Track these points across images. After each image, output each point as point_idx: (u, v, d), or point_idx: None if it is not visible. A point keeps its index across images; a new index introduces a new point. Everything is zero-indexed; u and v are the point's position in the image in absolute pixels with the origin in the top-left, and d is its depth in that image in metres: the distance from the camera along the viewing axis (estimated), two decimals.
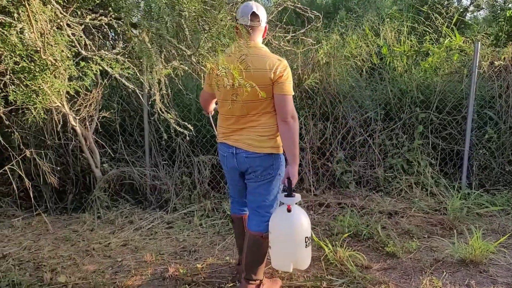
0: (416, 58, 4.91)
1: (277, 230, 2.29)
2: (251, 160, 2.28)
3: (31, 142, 4.12)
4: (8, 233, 3.58)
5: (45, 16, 2.53)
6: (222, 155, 2.43)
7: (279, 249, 2.32)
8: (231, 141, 2.35)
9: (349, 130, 4.61)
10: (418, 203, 3.95)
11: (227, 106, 2.30)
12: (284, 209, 2.28)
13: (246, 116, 2.28)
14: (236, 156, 2.33)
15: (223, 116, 2.40)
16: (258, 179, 2.33)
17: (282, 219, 2.28)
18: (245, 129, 2.30)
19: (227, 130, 2.37)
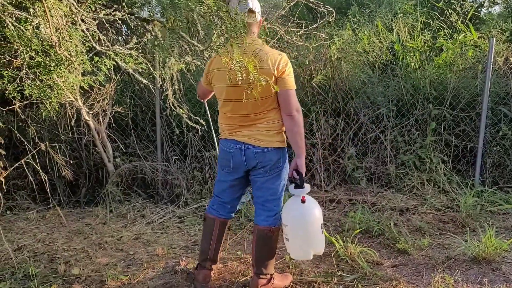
0: (430, 54, 4.85)
1: (295, 222, 2.32)
2: (261, 155, 2.29)
3: (45, 136, 4.18)
4: (23, 225, 3.64)
5: (61, 11, 2.56)
6: (227, 151, 2.37)
7: (298, 240, 2.35)
8: (239, 137, 2.32)
9: (361, 126, 4.59)
10: (430, 200, 3.93)
11: (230, 106, 2.30)
12: (297, 201, 2.31)
13: (252, 114, 2.28)
14: (245, 152, 2.31)
15: (226, 115, 2.36)
16: (267, 174, 2.34)
17: (298, 211, 2.31)
18: (252, 125, 2.30)
19: (233, 127, 2.35)
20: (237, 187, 2.50)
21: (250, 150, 2.30)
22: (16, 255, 3.05)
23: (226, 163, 2.41)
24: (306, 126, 4.56)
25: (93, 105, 3.87)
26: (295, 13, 4.53)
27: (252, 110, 2.26)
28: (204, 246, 2.56)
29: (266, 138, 2.29)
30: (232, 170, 2.42)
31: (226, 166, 2.43)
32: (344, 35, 4.68)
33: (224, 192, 2.52)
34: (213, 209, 2.56)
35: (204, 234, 2.58)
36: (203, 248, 2.56)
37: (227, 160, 2.40)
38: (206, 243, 2.55)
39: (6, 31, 2.58)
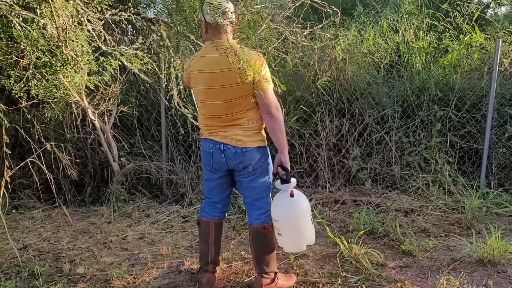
0: (435, 55, 4.83)
1: (286, 217, 2.35)
2: (240, 155, 2.31)
3: (51, 135, 4.20)
4: (29, 224, 3.67)
5: (67, 11, 2.57)
6: (207, 151, 2.39)
7: (291, 234, 2.38)
8: (218, 137, 2.33)
9: (366, 127, 4.58)
10: (435, 202, 3.91)
11: (208, 107, 2.32)
12: (285, 196, 2.35)
13: (230, 114, 2.29)
14: (224, 152, 2.32)
15: (205, 116, 2.38)
16: (251, 173, 2.36)
17: (287, 206, 2.34)
18: (231, 126, 2.30)
19: (212, 127, 2.36)
20: (224, 185, 2.51)
21: (229, 150, 2.31)
22: (22, 254, 3.07)
23: (207, 162, 2.43)
24: (311, 127, 4.56)
25: (99, 105, 3.88)
26: (300, 14, 4.53)
27: (229, 110, 2.27)
28: (203, 250, 2.57)
29: (246, 138, 2.30)
30: (213, 170, 2.44)
31: (207, 165, 2.45)
32: (349, 35, 4.67)
33: (212, 191, 2.53)
34: (205, 212, 2.57)
35: (201, 238, 2.59)
36: (203, 252, 2.58)
37: (207, 160, 2.42)
38: (205, 247, 2.56)
39: (13, 31, 2.60)
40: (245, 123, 2.30)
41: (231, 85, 2.19)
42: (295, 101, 4.64)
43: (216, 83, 2.21)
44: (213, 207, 2.55)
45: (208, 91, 2.26)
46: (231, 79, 2.17)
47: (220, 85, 2.21)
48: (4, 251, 3.11)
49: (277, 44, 4.05)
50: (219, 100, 2.25)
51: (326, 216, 3.73)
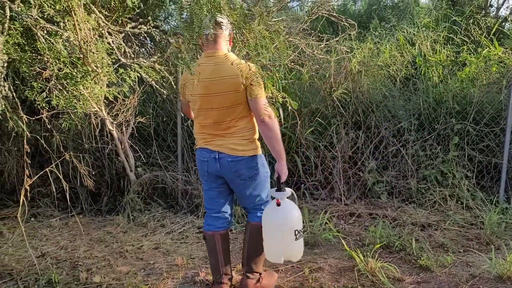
0: (453, 68, 4.80)
1: (268, 224, 2.39)
2: (236, 164, 2.35)
3: (70, 145, 4.28)
4: (47, 232, 3.72)
5: (89, 24, 2.64)
6: (202, 161, 2.44)
7: (270, 242, 2.41)
8: (213, 146, 2.38)
9: (382, 139, 4.55)
10: (453, 216, 3.85)
11: (203, 115, 2.38)
12: (274, 204, 2.38)
13: (223, 122, 2.35)
14: (219, 161, 2.37)
15: (200, 124, 2.44)
16: (246, 182, 2.41)
17: (272, 213, 2.38)
18: (226, 134, 2.36)
19: (207, 136, 2.42)
20: (224, 192, 2.54)
21: (225, 159, 2.36)
22: (40, 261, 3.11)
23: (202, 172, 2.48)
24: (326, 139, 4.56)
25: (117, 116, 3.95)
26: (316, 27, 4.56)
27: (223, 118, 2.33)
28: (213, 263, 2.58)
29: (240, 147, 2.35)
30: (209, 179, 2.48)
31: (203, 175, 2.50)
32: (365, 48, 4.68)
33: (213, 201, 2.54)
34: (209, 225, 2.57)
35: (209, 252, 2.60)
36: (213, 265, 2.59)
37: (202, 169, 2.47)
38: (214, 260, 2.57)
39: (38, 44, 2.67)
40: (239, 131, 2.36)
41: (224, 92, 2.27)
42: (310, 113, 4.65)
43: (210, 91, 2.30)
44: (216, 219, 2.56)
45: (203, 99, 2.33)
46: (224, 87, 2.26)
47: (213, 93, 2.29)
48: (22, 259, 3.16)
49: (293, 57, 4.08)
50: (213, 108, 2.32)
51: (342, 229, 3.70)
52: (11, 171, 4.32)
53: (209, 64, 2.31)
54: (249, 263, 2.55)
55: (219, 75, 2.27)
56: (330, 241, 3.43)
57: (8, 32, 2.55)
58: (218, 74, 2.28)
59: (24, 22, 2.64)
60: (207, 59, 2.33)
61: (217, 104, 2.30)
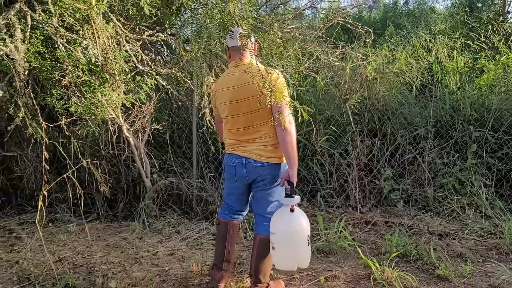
0: (470, 75, 4.75)
1: (282, 231, 2.38)
2: (261, 169, 2.47)
3: (87, 151, 4.33)
4: (64, 237, 3.76)
5: (107, 33, 2.69)
6: (231, 165, 2.58)
7: (284, 250, 2.40)
8: (241, 152, 2.52)
9: (398, 147, 4.51)
10: (472, 225, 3.78)
11: (231, 122, 2.52)
12: (286, 211, 2.41)
13: (249, 127, 2.47)
14: (246, 166, 2.50)
15: (228, 131, 2.58)
16: (267, 186, 2.51)
17: (285, 220, 2.39)
18: (252, 140, 2.48)
19: (235, 142, 2.55)
20: (244, 198, 2.70)
21: (251, 164, 2.48)
22: (57, 266, 3.15)
23: (231, 176, 2.62)
24: (341, 146, 4.54)
25: (134, 122, 3.99)
26: (331, 34, 4.56)
27: (249, 123, 2.46)
28: (220, 249, 2.75)
29: (265, 154, 2.46)
30: (236, 183, 2.61)
31: (231, 179, 2.63)
32: (381, 55, 4.66)
33: (233, 201, 2.72)
34: (225, 214, 2.76)
35: (219, 238, 2.77)
36: (219, 251, 2.75)
37: (230, 174, 2.61)
38: (221, 246, 2.74)
39: (57, 52, 2.73)
40: (263, 137, 2.46)
41: (249, 98, 2.41)
42: (325, 120, 4.63)
43: (237, 97, 2.45)
44: (233, 212, 2.75)
45: (231, 106, 2.49)
46: (249, 92, 2.40)
47: (240, 99, 2.44)
48: (41, 263, 3.21)
49: (308, 64, 4.08)
50: (240, 114, 2.47)
51: (357, 237, 3.66)
52: (30, 177, 4.39)
53: (236, 73, 2.48)
54: (257, 274, 2.59)
55: (244, 81, 2.42)
56: (345, 249, 3.39)
57: (30, 40, 2.61)
58: (243, 81, 2.42)
59: (45, 31, 2.69)
60: (234, 69, 2.50)
61: (243, 109, 2.45)
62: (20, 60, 2.32)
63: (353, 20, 4.45)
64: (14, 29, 2.44)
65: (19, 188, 4.52)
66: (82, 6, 2.34)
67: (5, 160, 4.44)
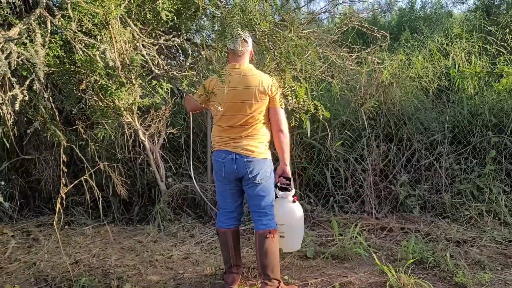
0: (489, 79, 4.67)
1: (290, 220, 2.78)
2: (250, 164, 2.59)
3: (103, 155, 4.38)
4: (80, 240, 3.80)
5: (124, 37, 2.72)
6: (220, 162, 2.65)
7: (293, 234, 2.83)
8: (231, 148, 2.62)
9: (414, 152, 4.46)
10: (490, 233, 3.71)
11: (225, 119, 2.63)
12: (286, 202, 2.80)
13: (244, 126, 2.60)
14: (236, 161, 2.60)
15: (221, 128, 2.67)
16: (257, 182, 2.62)
17: (290, 209, 2.79)
18: (244, 137, 2.60)
19: (226, 139, 2.64)
20: (236, 194, 2.76)
21: (241, 159, 2.59)
22: (73, 268, 3.18)
23: (219, 172, 2.69)
24: (356, 151, 4.50)
25: (150, 126, 4.02)
26: (347, 39, 4.54)
27: (245, 123, 2.59)
28: (225, 256, 2.83)
29: (256, 149, 2.60)
30: (225, 179, 2.69)
31: (219, 176, 2.71)
32: (397, 60, 4.62)
33: (227, 201, 2.78)
34: (222, 222, 2.81)
35: (222, 246, 2.85)
36: (225, 258, 2.84)
37: (219, 170, 2.68)
38: (226, 254, 2.82)
39: (76, 56, 2.77)
40: (256, 135, 2.62)
41: (249, 100, 2.56)
42: (340, 125, 4.61)
43: (237, 98, 2.58)
44: (229, 217, 2.79)
45: (229, 105, 2.59)
46: (250, 95, 2.55)
47: (240, 100, 2.57)
48: (57, 265, 3.25)
49: (323, 68, 4.07)
50: (238, 113, 2.59)
51: (373, 244, 3.62)
52: (47, 179, 4.45)
53: (237, 75, 2.60)
54: (265, 271, 2.63)
55: (246, 84, 2.57)
56: (360, 255, 3.35)
57: (49, 45, 2.65)
58: (245, 83, 2.58)
59: (64, 36, 2.74)
60: (234, 70, 2.62)
61: (241, 110, 2.57)
62: (40, 64, 2.36)
63: (368, 24, 4.43)
64: (34, 34, 2.49)
65: (37, 190, 4.59)
66: (101, 11, 2.37)
67: (23, 163, 4.51)
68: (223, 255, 2.86)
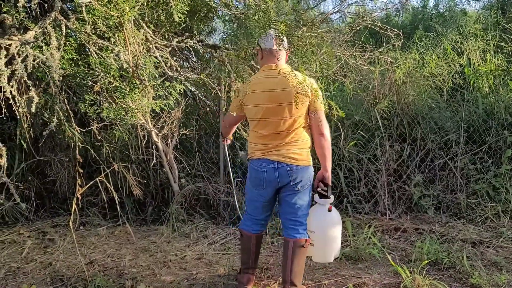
0: (504, 77, 4.60)
1: (322, 229, 2.60)
2: (294, 173, 2.47)
3: (117, 156, 4.43)
4: (94, 240, 3.84)
5: (138, 39, 2.75)
6: (260, 171, 2.51)
7: (323, 245, 2.64)
8: (272, 157, 2.47)
9: (428, 152, 4.41)
10: (507, 233, 3.65)
11: (262, 125, 2.48)
12: (322, 210, 2.61)
13: (283, 132, 2.46)
14: (279, 170, 2.46)
15: (259, 134, 2.52)
16: (298, 191, 2.51)
17: (324, 219, 2.60)
18: (285, 144, 2.46)
19: (266, 147, 2.50)
20: (269, 205, 2.67)
21: (284, 168, 2.46)
22: (88, 268, 3.21)
23: (258, 182, 2.55)
24: (369, 152, 4.47)
25: (163, 128, 4.05)
26: (361, 38, 4.51)
27: (284, 127, 2.45)
28: (244, 258, 2.78)
29: (298, 157, 2.47)
30: (263, 189, 2.56)
31: (258, 185, 2.57)
32: (410, 58, 4.58)
33: (257, 210, 2.67)
34: (248, 226, 2.73)
35: (243, 249, 2.78)
36: (244, 260, 2.79)
37: (258, 179, 2.54)
38: (246, 256, 2.76)
39: (90, 59, 2.80)
40: (297, 141, 2.48)
41: (289, 103, 2.41)
42: (353, 125, 4.58)
43: (277, 101, 2.42)
44: (256, 223, 2.71)
45: (267, 109, 2.45)
46: (289, 97, 2.40)
47: (278, 103, 2.42)
48: (73, 265, 3.28)
49: (336, 68, 4.05)
50: (276, 117, 2.44)
51: (386, 244, 3.59)
52: (62, 180, 4.51)
53: (274, 76, 2.46)
54: (293, 279, 2.54)
55: (285, 86, 2.41)
56: (374, 256, 3.33)
57: (64, 48, 2.69)
58: (284, 85, 2.41)
59: (78, 39, 2.78)
60: (270, 72, 2.48)
61: (280, 113, 2.42)
62: (55, 67, 2.40)
63: (381, 23, 4.40)
64: (49, 37, 2.53)
65: (52, 191, 4.65)
66: (115, 13, 2.40)
67: (39, 164, 4.58)
68: (242, 257, 2.81)
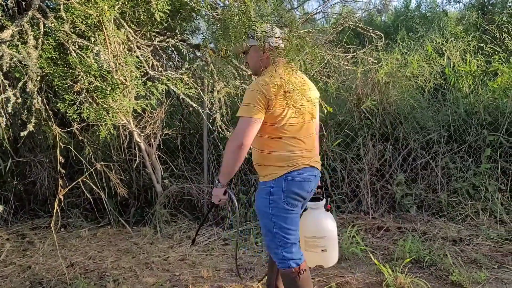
0: (484, 78, 4.68)
1: (330, 231, 2.37)
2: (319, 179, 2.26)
3: (99, 157, 4.36)
4: (76, 242, 3.79)
5: (118, 39, 2.71)
6: (307, 182, 2.10)
7: (334, 245, 2.40)
8: (314, 163, 2.16)
9: (410, 151, 4.46)
10: (486, 231, 3.71)
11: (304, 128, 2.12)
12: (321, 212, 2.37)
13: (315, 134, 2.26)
14: (316, 178, 2.18)
15: (301, 140, 2.12)
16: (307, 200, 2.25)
17: (328, 220, 2.37)
18: (316, 148, 2.25)
19: (310, 154, 2.15)
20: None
21: (319, 175, 2.23)
22: (69, 271, 3.17)
23: (305, 195, 2.13)
24: (353, 151, 4.50)
25: (145, 128, 4.01)
26: (342, 38, 4.54)
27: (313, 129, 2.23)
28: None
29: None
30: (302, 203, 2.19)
31: (301, 198, 2.13)
32: (392, 59, 4.62)
33: (297, 228, 2.19)
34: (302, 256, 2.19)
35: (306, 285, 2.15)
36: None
37: (303, 191, 2.11)
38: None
39: (70, 58, 2.75)
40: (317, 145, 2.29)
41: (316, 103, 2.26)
42: (336, 125, 4.61)
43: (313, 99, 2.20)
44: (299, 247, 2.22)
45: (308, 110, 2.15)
46: (316, 96, 2.26)
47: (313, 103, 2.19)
48: (53, 268, 3.23)
49: (319, 68, 4.07)
50: (312, 119, 2.19)
51: (369, 243, 3.62)
52: (42, 182, 4.43)
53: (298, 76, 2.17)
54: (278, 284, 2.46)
55: (309, 84, 2.24)
56: (357, 255, 3.35)
57: (42, 47, 2.64)
58: (308, 83, 2.23)
59: (57, 37, 2.72)
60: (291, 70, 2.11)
61: (313, 114, 2.19)
62: (32, 66, 2.35)
63: (364, 24, 4.43)
64: (27, 35, 2.47)
65: (32, 193, 4.57)
66: (94, 12, 2.36)
67: (18, 165, 4.49)
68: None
